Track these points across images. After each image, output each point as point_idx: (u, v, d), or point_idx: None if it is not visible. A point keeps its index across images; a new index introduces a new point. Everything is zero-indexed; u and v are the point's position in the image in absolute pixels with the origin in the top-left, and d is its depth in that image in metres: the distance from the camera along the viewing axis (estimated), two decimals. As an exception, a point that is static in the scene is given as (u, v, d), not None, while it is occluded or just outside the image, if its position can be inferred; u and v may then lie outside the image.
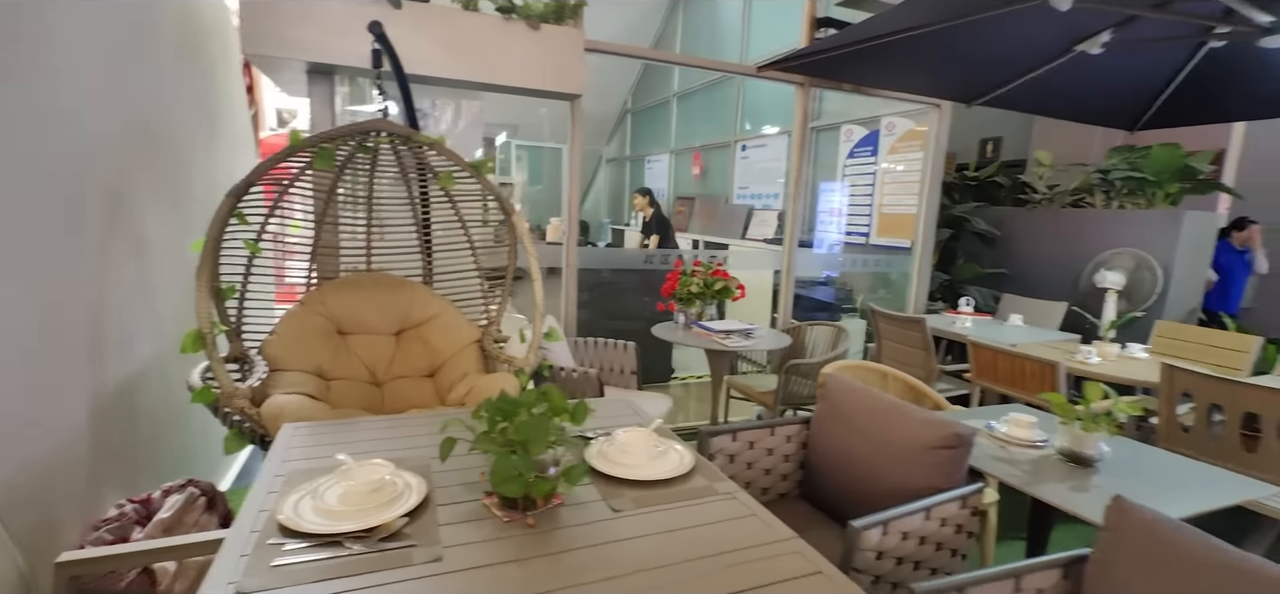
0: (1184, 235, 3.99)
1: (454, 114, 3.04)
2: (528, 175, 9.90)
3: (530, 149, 9.78)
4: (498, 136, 9.28)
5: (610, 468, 1.36)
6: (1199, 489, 1.58)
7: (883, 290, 4.90)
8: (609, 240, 9.62)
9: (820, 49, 2.76)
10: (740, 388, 3.51)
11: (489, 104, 9.50)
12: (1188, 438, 2.51)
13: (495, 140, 9.24)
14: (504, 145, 9.26)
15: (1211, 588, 1.04)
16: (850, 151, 4.82)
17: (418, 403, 2.37)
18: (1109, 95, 3.44)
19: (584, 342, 3.15)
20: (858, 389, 1.80)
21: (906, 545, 1.40)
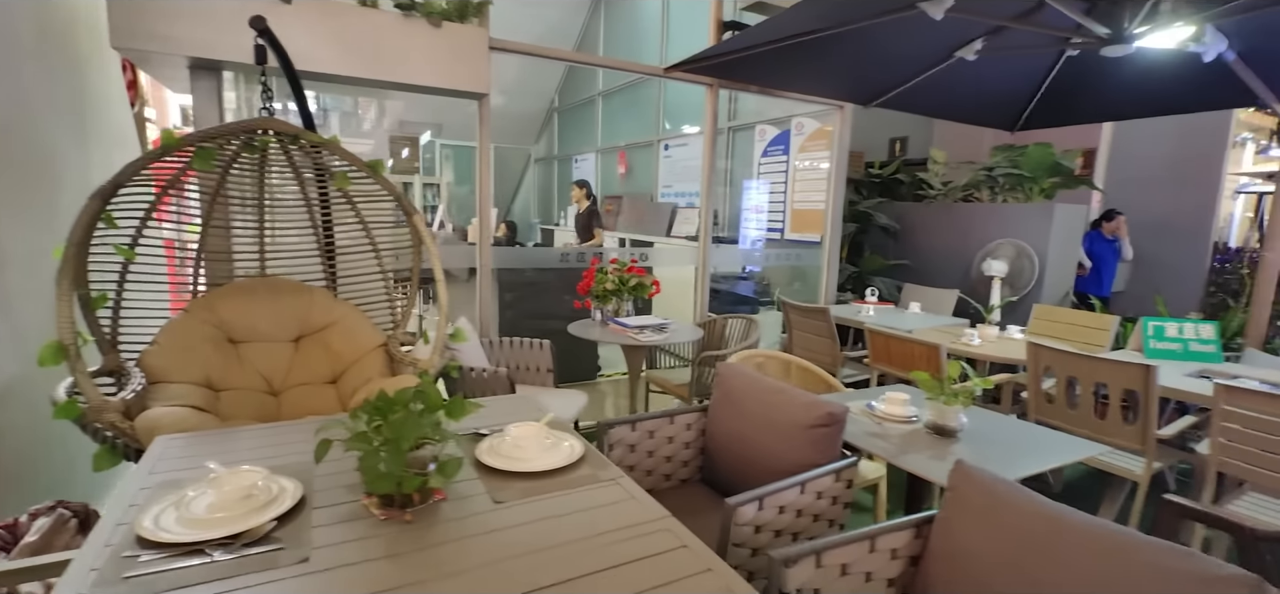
0: (1056, 226, 4.39)
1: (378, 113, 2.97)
2: (455, 175, 9.70)
3: (457, 148, 9.58)
4: (422, 136, 9.04)
5: (499, 462, 1.39)
6: (1041, 452, 1.76)
7: (798, 283, 5.13)
8: (538, 241, 9.56)
9: (720, 52, 2.87)
10: (658, 382, 3.59)
11: (412, 103, 9.17)
12: (1052, 408, 2.78)
13: (419, 140, 9.00)
14: (428, 145, 9.04)
15: (1030, 533, 1.18)
16: (764, 150, 5.01)
17: (319, 411, 2.30)
18: (991, 98, 3.74)
19: (499, 342, 3.14)
20: (748, 376, 1.90)
21: (783, 518, 1.50)
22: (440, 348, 2.23)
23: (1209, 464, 2.27)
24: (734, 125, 5.69)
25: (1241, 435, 2.16)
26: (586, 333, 3.18)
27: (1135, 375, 2.42)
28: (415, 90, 2.67)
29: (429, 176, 9.01)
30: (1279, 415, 2.06)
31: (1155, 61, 2.91)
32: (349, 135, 8.58)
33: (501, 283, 4.42)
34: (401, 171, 8.83)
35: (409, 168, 9.02)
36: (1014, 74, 3.44)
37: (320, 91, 7.34)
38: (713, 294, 5.03)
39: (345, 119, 8.92)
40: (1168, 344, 3.14)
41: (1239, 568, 0.94)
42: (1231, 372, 2.85)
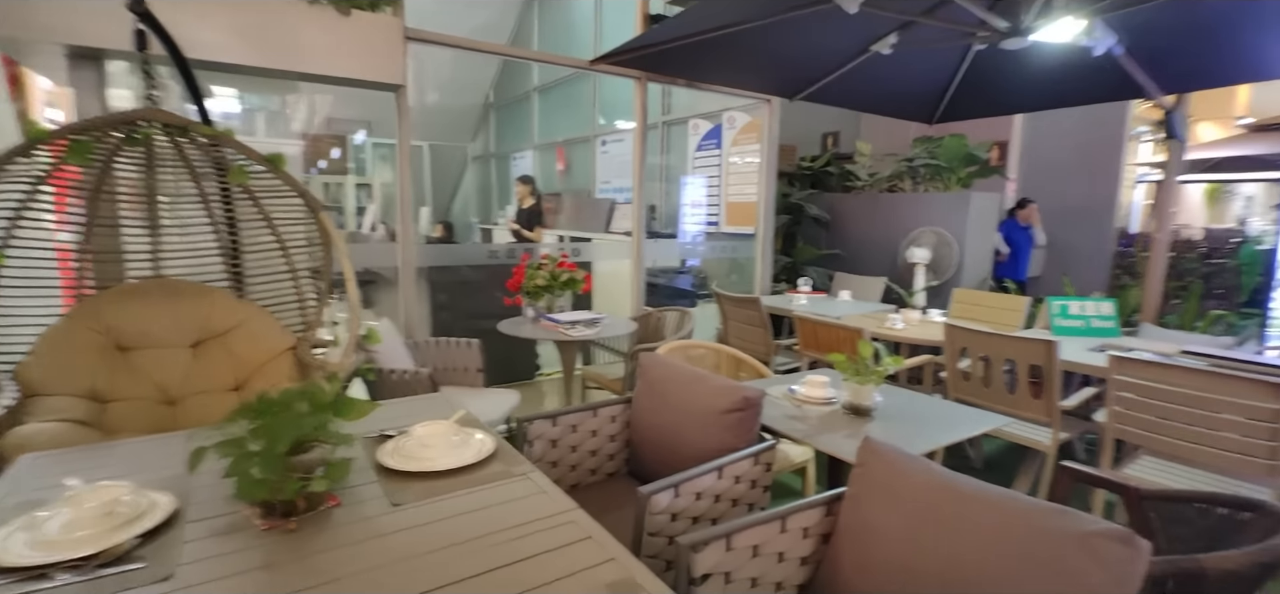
0: (973, 214, 4.61)
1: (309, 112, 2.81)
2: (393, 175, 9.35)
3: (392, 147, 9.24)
4: (354, 134, 8.69)
5: (402, 463, 1.32)
6: (950, 426, 1.83)
7: (735, 275, 5.19)
8: (478, 240, 9.35)
9: (643, 44, 2.86)
10: (594, 378, 3.56)
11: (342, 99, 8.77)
12: (968, 386, 2.91)
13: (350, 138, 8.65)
14: (361, 144, 8.69)
15: (930, 504, 1.21)
16: (698, 144, 5.05)
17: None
18: (910, 91, 3.88)
19: (426, 342, 3.03)
20: (669, 365, 1.89)
21: (701, 505, 1.50)
22: (352, 349, 2.13)
23: (1107, 432, 2.42)
24: (668, 120, 5.71)
25: (1135, 404, 2.31)
26: (518, 330, 3.12)
27: (1039, 351, 2.56)
28: (323, 81, 2.54)
29: (361, 177, 8.67)
30: (1166, 383, 2.21)
31: (1054, 56, 3.08)
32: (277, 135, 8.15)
33: (434, 283, 4.29)
34: (334, 172, 8.46)
35: (340, 168, 8.66)
36: (930, 68, 3.58)
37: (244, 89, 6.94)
38: (651, 289, 5.03)
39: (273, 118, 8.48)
40: (1071, 322, 3.34)
41: (1110, 523, 0.99)
42: (1127, 345, 3.06)
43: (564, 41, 7.28)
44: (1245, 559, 1.11)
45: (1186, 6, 2.52)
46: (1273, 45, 2.77)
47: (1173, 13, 2.56)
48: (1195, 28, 2.75)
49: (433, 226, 8.45)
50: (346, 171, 8.62)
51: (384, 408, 1.76)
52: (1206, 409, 2.13)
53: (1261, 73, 3.09)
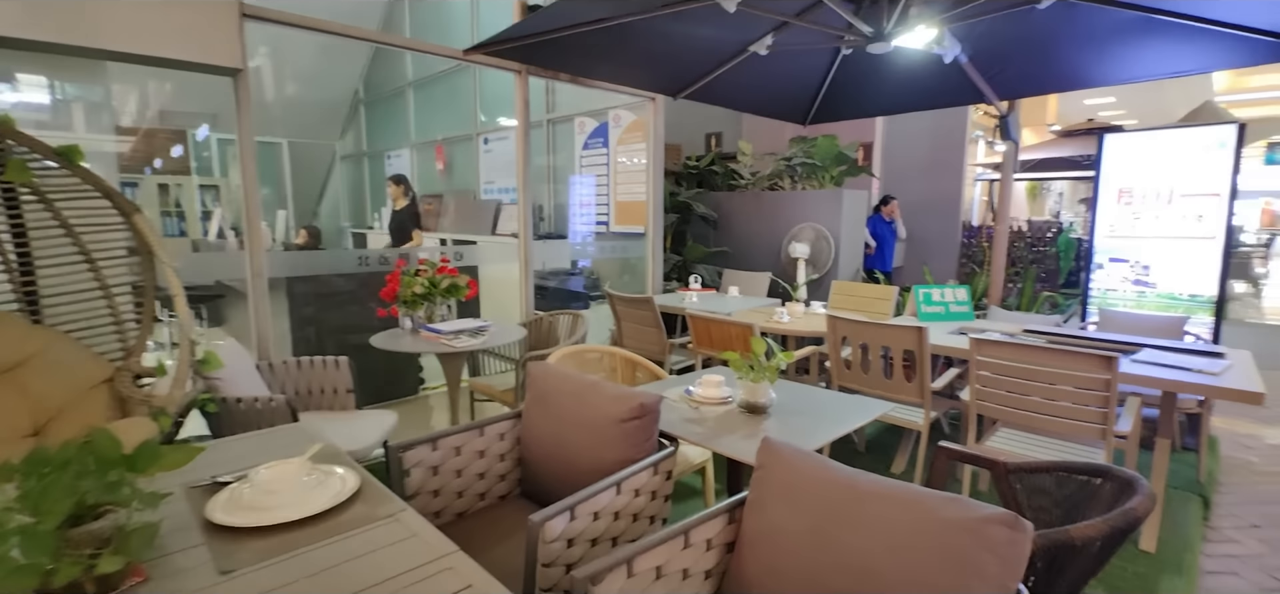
0: (845, 210, 4.90)
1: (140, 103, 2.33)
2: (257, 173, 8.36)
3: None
4: (197, 128, 7.69)
5: (237, 517, 1.10)
6: (843, 416, 1.87)
7: (627, 275, 5.15)
8: (351, 247, 8.62)
9: (519, 34, 2.71)
10: (483, 389, 3.34)
11: (182, 89, 7.73)
12: (850, 373, 3.05)
13: (192, 133, 7.64)
14: (206, 140, 7.70)
15: (831, 502, 1.19)
16: (585, 143, 4.95)
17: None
18: (785, 93, 4.03)
19: (284, 364, 2.67)
20: (560, 374, 1.77)
21: (599, 525, 1.40)
22: (184, 379, 1.80)
23: (970, 408, 2.63)
24: (553, 118, 5.56)
25: (992, 381, 2.52)
26: (394, 344, 2.84)
27: (911, 337, 2.73)
28: (139, 62, 2.14)
29: (207, 177, 7.69)
30: (1016, 360, 2.43)
31: (910, 62, 3.32)
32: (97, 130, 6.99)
33: (298, 296, 3.84)
34: (175, 172, 7.41)
35: (181, 167, 7.61)
36: (803, 70, 3.73)
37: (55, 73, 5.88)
38: (543, 292, 4.86)
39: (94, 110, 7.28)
40: (934, 308, 3.63)
41: (998, 508, 1.01)
42: (981, 327, 3.36)
43: (438, 31, 6.87)
44: (1105, 526, 1.19)
45: (1018, 20, 2.79)
46: (1082, 60, 3.16)
47: (1007, 26, 2.83)
48: (1023, 42, 3.06)
49: (295, 232, 7.67)
50: (189, 171, 7.60)
51: (215, 450, 1.49)
52: (1048, 382, 2.37)
53: (1075, 82, 3.52)
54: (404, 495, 1.59)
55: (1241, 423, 3.97)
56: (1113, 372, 2.21)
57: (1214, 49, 2.67)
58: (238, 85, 2.43)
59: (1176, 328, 3.35)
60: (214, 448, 1.53)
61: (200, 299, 5.28)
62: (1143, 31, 2.70)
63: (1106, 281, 4.43)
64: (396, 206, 5.64)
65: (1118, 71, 3.17)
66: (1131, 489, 1.36)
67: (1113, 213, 4.36)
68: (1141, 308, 4.23)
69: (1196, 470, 3.18)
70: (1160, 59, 2.95)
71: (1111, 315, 3.63)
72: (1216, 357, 2.63)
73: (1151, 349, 2.77)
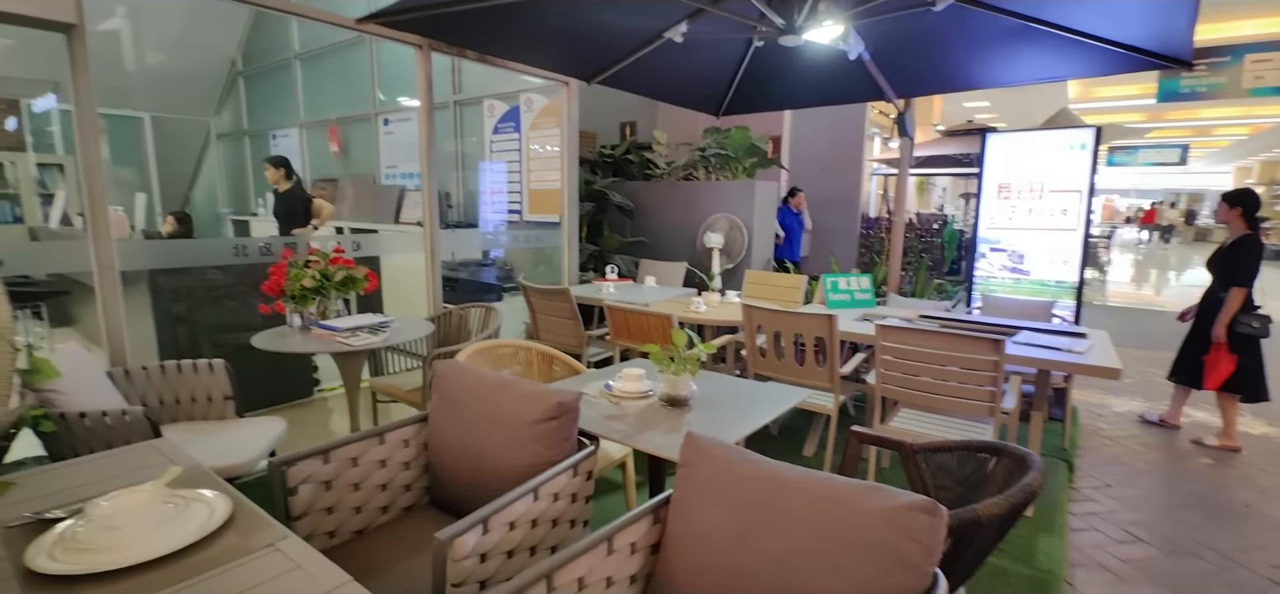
0: (757, 201, 5.02)
1: None
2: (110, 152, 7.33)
3: (107, 119, 7.24)
4: (36, 98, 6.68)
5: (69, 563, 0.90)
6: (762, 405, 1.87)
7: (542, 266, 5.00)
8: (231, 236, 7.81)
9: (418, 4, 2.50)
10: (385, 390, 3.10)
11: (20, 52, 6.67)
12: (765, 361, 3.11)
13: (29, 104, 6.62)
14: (47, 112, 6.69)
15: (754, 500, 1.16)
16: (495, 127, 4.73)
17: None
18: (700, 83, 4.03)
19: (144, 369, 2.32)
20: (469, 373, 1.65)
21: (516, 535, 1.30)
22: (5, 394, 1.49)
23: (875, 391, 2.75)
24: (460, 99, 5.28)
25: (895, 365, 2.64)
26: (281, 344, 2.56)
27: (822, 324, 2.81)
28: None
29: (48, 154, 6.69)
30: (914, 344, 2.57)
31: (817, 58, 3.41)
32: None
33: (165, 291, 3.39)
34: (6, 148, 6.37)
35: (14, 142, 6.56)
36: (717, 61, 3.75)
37: None
38: (452, 284, 4.61)
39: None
40: (840, 296, 3.78)
41: (917, 495, 1.02)
42: (882, 313, 3.54)
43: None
44: (1007, 503, 1.25)
45: (915, 21, 2.93)
46: (970, 63, 3.39)
47: (905, 26, 2.97)
48: (919, 42, 3.23)
49: (162, 218, 6.84)
50: (24, 147, 6.56)
51: (48, 477, 1.25)
52: (944, 364, 2.52)
53: (963, 83, 3.77)
54: (290, 516, 1.42)
55: (1093, 394, 4.47)
56: (1001, 353, 2.38)
57: (1081, 57, 2.93)
58: (72, 42, 2.05)
59: (1046, 311, 3.69)
60: (47, 475, 1.28)
61: (40, 296, 4.56)
62: (1022, 38, 2.92)
63: (988, 269, 4.82)
64: (279, 190, 5.12)
65: (1000, 75, 3.42)
66: (1025, 465, 1.44)
67: (993, 206, 4.75)
68: (1017, 293, 4.64)
69: (1062, 439, 3.53)
70: (1035, 64, 3.21)
71: (993, 300, 3.95)
72: (1080, 336, 2.92)
73: (1028, 331, 3.02)
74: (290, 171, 5.09)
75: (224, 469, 1.97)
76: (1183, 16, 2.27)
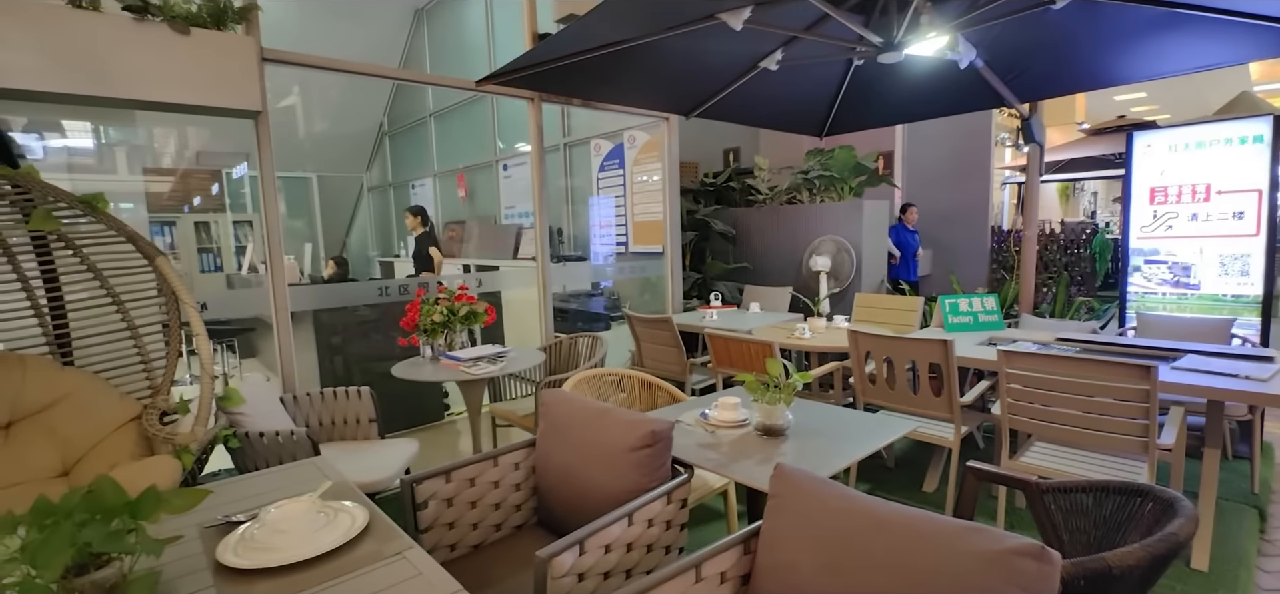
0: (866, 220, 4.82)
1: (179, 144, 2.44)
2: (286, 208, 8.66)
3: (283, 180, 8.57)
4: (235, 166, 7.99)
5: (247, 558, 1.10)
6: (863, 436, 1.81)
7: (648, 295, 5.14)
8: (377, 275, 8.79)
9: (528, 63, 2.74)
10: (503, 415, 3.34)
11: (217, 130, 8.01)
12: (876, 389, 2.97)
13: (227, 172, 7.93)
14: (242, 177, 7.98)
15: (845, 532, 1.14)
16: (601, 165, 4.98)
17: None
18: (799, 106, 4.00)
19: (307, 395, 2.71)
20: (572, 400, 1.76)
21: (611, 558, 1.37)
22: (206, 416, 1.83)
23: (1002, 423, 2.53)
24: (569, 141, 5.61)
25: (1023, 394, 2.42)
26: (416, 373, 2.87)
27: (937, 350, 2.64)
28: (162, 109, 2.22)
29: (241, 214, 7.96)
30: (1047, 372, 2.34)
31: (925, 70, 3.27)
32: (138, 172, 7.31)
33: (325, 327, 3.91)
34: (209, 209, 7.71)
35: (217, 205, 7.91)
36: (816, 83, 3.71)
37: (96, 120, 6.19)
38: (565, 314, 4.87)
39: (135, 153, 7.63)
40: (962, 318, 3.52)
41: (1025, 538, 0.96)
42: (1011, 336, 3.25)
43: (457, 63, 7.02)
44: (1144, 553, 1.12)
45: (1034, 22, 2.73)
46: (1105, 58, 3.07)
47: (1023, 28, 2.77)
48: (1042, 43, 2.99)
49: (324, 263, 7.86)
50: (224, 208, 7.88)
51: (234, 486, 1.50)
52: (1084, 394, 2.26)
53: (1098, 81, 3.42)
54: (418, 528, 1.59)
55: (1299, 428, 3.76)
56: (1152, 381, 2.10)
57: (1245, 40, 2.57)
58: (258, 126, 2.50)
59: (1222, 331, 3.19)
60: (234, 485, 1.55)
61: (233, 333, 5.43)
62: (1165, 26, 2.61)
63: (1144, 285, 4.25)
64: (415, 234, 5.75)
65: (1142, 68, 3.07)
66: (1173, 510, 1.28)
67: (1146, 213, 4.20)
68: (1183, 311, 4.05)
69: (1250, 480, 3.00)
70: (1185, 54, 2.85)
71: (1151, 320, 3.48)
72: (1265, 361, 2.50)
73: (1194, 355, 2.64)
74: (426, 219, 5.70)
75: (366, 485, 2.23)
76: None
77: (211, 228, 7.68)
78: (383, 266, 8.97)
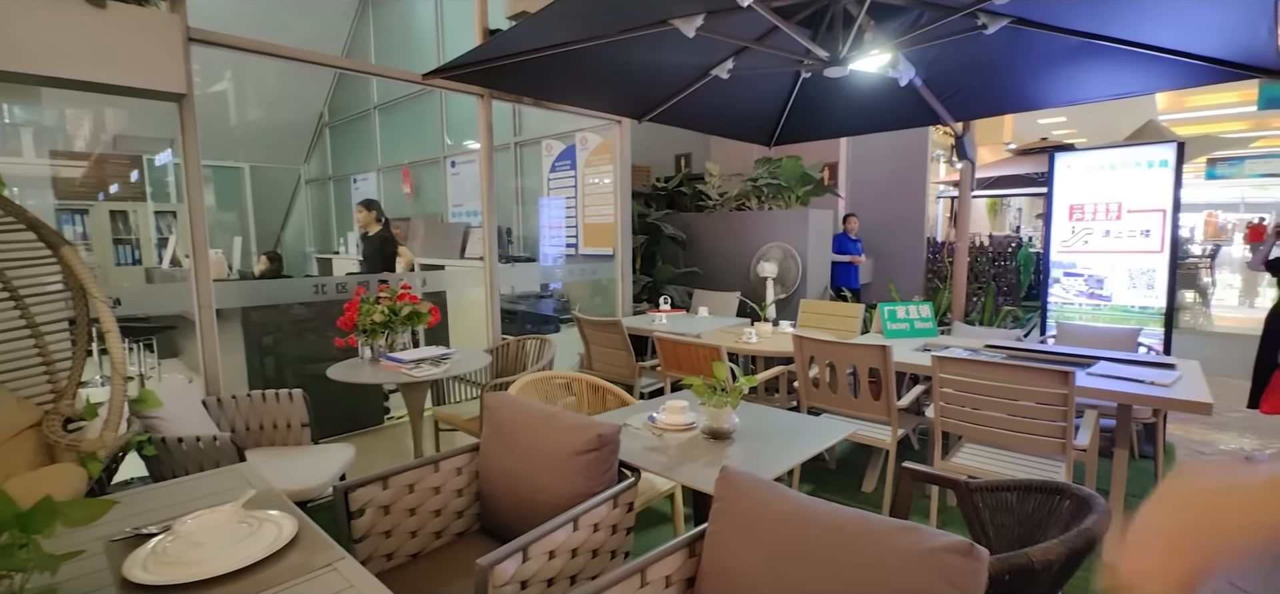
0: (812, 229, 4.96)
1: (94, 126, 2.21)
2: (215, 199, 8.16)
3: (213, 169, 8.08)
4: (158, 153, 7.48)
5: (160, 574, 1.02)
6: (807, 438, 1.85)
7: (598, 297, 5.11)
8: (314, 272, 8.41)
9: (478, 59, 2.68)
10: (446, 419, 3.25)
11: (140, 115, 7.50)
12: (819, 393, 3.05)
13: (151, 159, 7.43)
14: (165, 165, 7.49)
15: (787, 536, 1.16)
16: (552, 165, 4.93)
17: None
18: (750, 115, 4.07)
19: (233, 398, 2.55)
20: (517, 405, 1.72)
21: (556, 564, 1.34)
22: (116, 421, 1.69)
23: (935, 425, 2.64)
24: (520, 141, 5.53)
25: (954, 398, 2.54)
26: (353, 375, 2.75)
27: (876, 355, 2.74)
28: (74, 87, 2.05)
29: (163, 204, 7.47)
30: (977, 377, 2.46)
31: (868, 85, 3.39)
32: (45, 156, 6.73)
33: (257, 326, 3.70)
34: (129, 198, 7.18)
35: (137, 193, 7.38)
36: (766, 93, 3.79)
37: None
38: (511, 316, 4.79)
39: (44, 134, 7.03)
40: (899, 325, 3.67)
41: (953, 536, 1.00)
42: (944, 343, 3.40)
43: (403, 55, 6.82)
44: (1062, 548, 1.19)
45: (968, 45, 2.87)
46: (1031, 83, 3.27)
47: (958, 50, 2.90)
48: (975, 66, 3.15)
49: (256, 259, 7.46)
50: (144, 197, 7.37)
51: (146, 496, 1.40)
52: (1009, 398, 2.39)
53: (1025, 104, 3.63)
54: (352, 538, 1.52)
55: (1196, 429, 4.09)
56: (1069, 386, 2.24)
57: (1152, 72, 2.78)
58: (183, 110, 2.34)
59: (1130, 340, 3.44)
60: (146, 494, 1.44)
61: (153, 330, 5.07)
62: (1085, 56, 2.80)
63: (1063, 296, 4.55)
64: (368, 233, 5.39)
65: (1064, 93, 3.28)
66: (1088, 507, 1.37)
67: (1065, 229, 4.49)
68: (1097, 320, 4.35)
69: (1155, 478, 3.25)
70: (1102, 82, 3.06)
71: (1069, 329, 3.72)
72: (1168, 368, 2.70)
73: (1107, 362, 2.83)
74: (381, 216, 5.29)
75: (297, 492, 2.12)
76: (1263, 25, 2.13)
77: (130, 218, 7.16)
78: (320, 263, 8.59)
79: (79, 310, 1.93)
